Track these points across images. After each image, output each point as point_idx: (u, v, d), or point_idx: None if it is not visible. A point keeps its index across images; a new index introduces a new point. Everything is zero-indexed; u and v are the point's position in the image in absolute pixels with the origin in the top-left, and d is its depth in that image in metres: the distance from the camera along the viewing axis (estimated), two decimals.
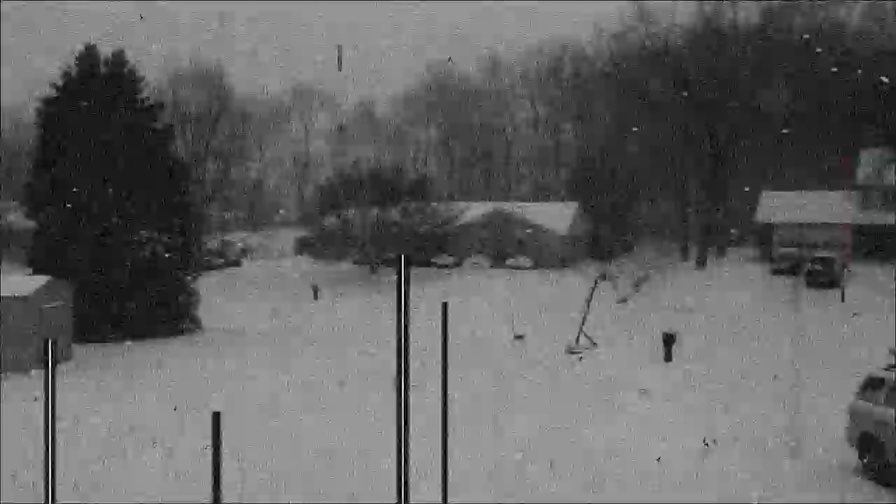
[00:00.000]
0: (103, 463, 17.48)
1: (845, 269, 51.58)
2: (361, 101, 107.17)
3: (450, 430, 20.11)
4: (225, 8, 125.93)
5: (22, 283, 30.76)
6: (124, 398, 24.45)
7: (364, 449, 17.94)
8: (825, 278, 50.28)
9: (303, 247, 73.38)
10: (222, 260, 67.00)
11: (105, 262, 36.21)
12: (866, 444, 16.43)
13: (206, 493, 15.45)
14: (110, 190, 37.01)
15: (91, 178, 36.64)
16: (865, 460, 16.46)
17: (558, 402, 23.51)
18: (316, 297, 53.57)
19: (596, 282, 39.57)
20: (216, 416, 7.72)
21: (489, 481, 16.04)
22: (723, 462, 17.36)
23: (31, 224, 39.78)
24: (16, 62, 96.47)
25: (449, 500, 14.87)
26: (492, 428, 20.42)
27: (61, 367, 29.76)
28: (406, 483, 6.23)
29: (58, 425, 19.92)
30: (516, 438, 19.39)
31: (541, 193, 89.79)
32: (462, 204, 67.16)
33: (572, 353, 32.90)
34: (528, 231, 64.12)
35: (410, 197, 62.55)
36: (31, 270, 36.95)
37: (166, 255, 38.00)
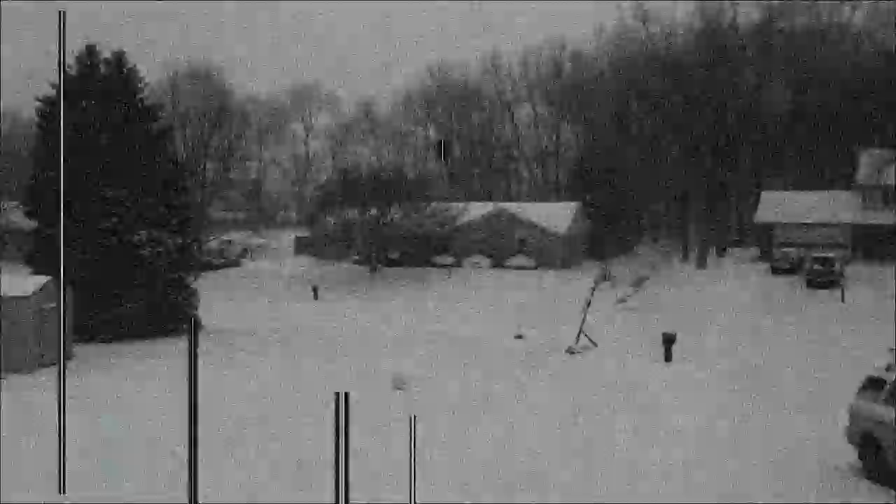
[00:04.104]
0: (102, 463, 17.47)
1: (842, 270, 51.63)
2: (361, 100, 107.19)
3: (450, 427, 20.16)
4: (225, 8, 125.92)
5: (22, 283, 30.74)
6: (124, 398, 24.44)
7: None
8: (825, 278, 50.29)
9: (303, 247, 73.35)
10: (222, 260, 66.98)
11: (105, 262, 36.18)
12: (866, 444, 16.44)
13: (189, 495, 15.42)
14: (110, 190, 36.98)
15: (91, 178, 36.63)
16: (865, 460, 16.47)
17: (558, 402, 23.50)
18: (316, 297, 53.56)
19: (596, 282, 39.57)
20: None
21: (487, 479, 16.04)
22: (723, 462, 17.36)
23: (31, 224, 39.75)
24: (16, 62, 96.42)
25: (447, 497, 14.90)
26: (491, 427, 20.42)
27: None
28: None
29: (58, 424, 19.78)
30: (515, 438, 19.38)
31: (541, 193, 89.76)
32: (462, 204, 67.16)
33: (572, 353, 32.91)
34: (528, 231, 64.11)
35: (410, 197, 62.54)
36: (31, 270, 36.94)
37: (166, 255, 37.95)
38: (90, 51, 38.95)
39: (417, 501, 13.76)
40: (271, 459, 17.69)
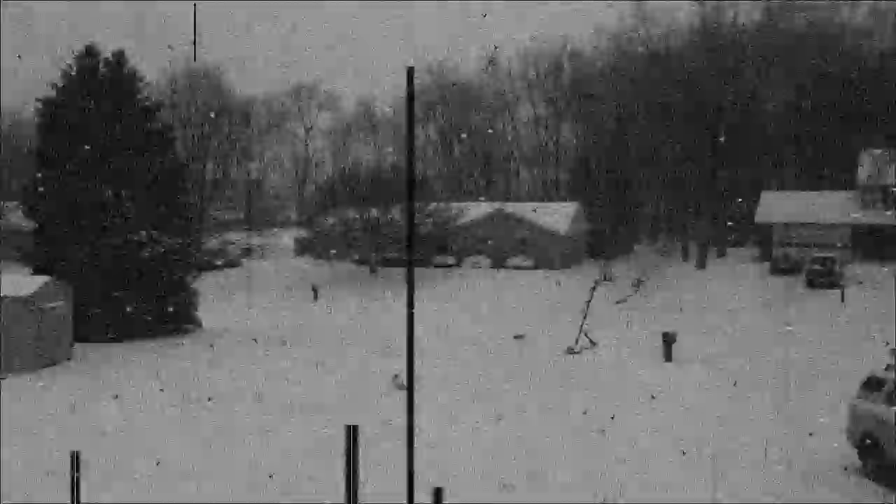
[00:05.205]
0: (103, 461, 17.48)
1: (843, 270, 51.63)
2: (361, 101, 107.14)
3: (449, 427, 20.16)
4: (225, 8, 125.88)
5: (22, 283, 30.74)
6: (124, 397, 24.44)
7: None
8: (825, 278, 50.27)
9: (303, 247, 73.34)
10: (222, 260, 66.97)
11: (105, 262, 36.18)
12: (866, 443, 16.44)
13: (193, 490, 15.45)
14: (110, 190, 36.98)
15: (91, 178, 36.63)
16: (865, 460, 16.47)
17: (557, 402, 23.51)
18: (316, 297, 53.57)
19: (596, 282, 39.58)
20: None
21: (486, 478, 16.04)
22: (722, 461, 17.36)
23: (31, 224, 39.73)
24: (16, 62, 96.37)
25: (448, 491, 14.89)
26: (490, 426, 20.42)
27: (61, 367, 29.77)
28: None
29: (59, 424, 19.86)
30: (514, 437, 19.38)
31: (541, 193, 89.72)
32: (462, 204, 67.16)
33: (572, 352, 32.91)
34: (528, 231, 64.11)
35: None
36: (31, 270, 36.93)
37: (166, 255, 37.94)
38: (90, 51, 38.93)
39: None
40: (264, 464, 17.69)
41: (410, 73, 5.28)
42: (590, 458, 17.71)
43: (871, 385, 16.97)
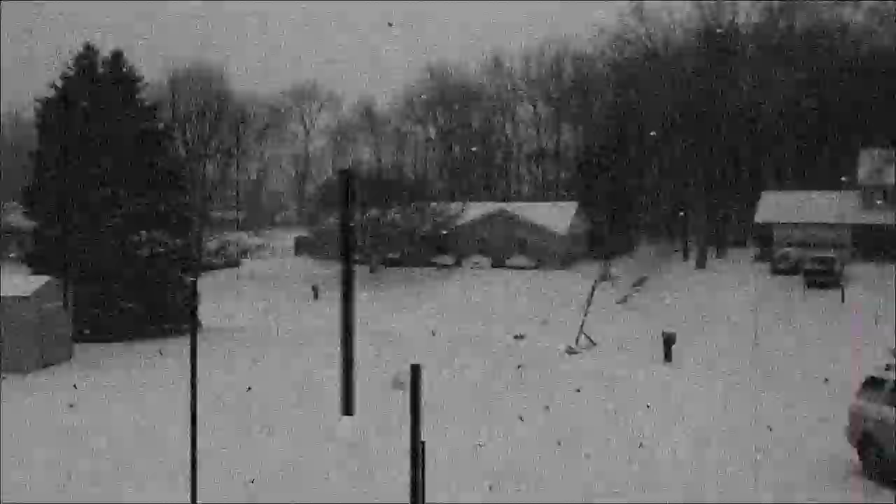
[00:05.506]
0: (108, 462, 17.47)
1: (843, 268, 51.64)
2: (361, 100, 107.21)
3: (450, 427, 20.12)
4: (225, 8, 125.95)
5: (22, 283, 30.72)
6: (124, 397, 24.44)
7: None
8: (825, 278, 50.27)
9: (303, 247, 73.36)
10: (222, 260, 66.95)
11: (105, 262, 36.18)
12: (866, 443, 16.43)
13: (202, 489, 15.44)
14: (110, 190, 36.98)
15: (91, 179, 36.62)
16: (865, 460, 16.47)
17: (557, 402, 23.51)
18: (316, 297, 53.57)
19: (596, 282, 39.57)
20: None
21: (488, 476, 16.04)
22: (723, 462, 17.36)
23: (31, 224, 39.72)
24: (16, 62, 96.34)
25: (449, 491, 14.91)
26: (491, 426, 20.42)
27: (61, 367, 29.77)
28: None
29: (60, 424, 19.79)
30: (513, 437, 19.38)
31: (541, 193, 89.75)
32: (462, 204, 67.18)
33: (572, 352, 32.91)
34: (528, 231, 64.12)
35: (410, 197, 62.59)
36: (31, 270, 36.93)
37: (166, 255, 37.93)
38: (89, 51, 38.92)
39: None
40: (268, 460, 17.70)
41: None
42: (589, 457, 17.71)
43: (871, 385, 16.96)
